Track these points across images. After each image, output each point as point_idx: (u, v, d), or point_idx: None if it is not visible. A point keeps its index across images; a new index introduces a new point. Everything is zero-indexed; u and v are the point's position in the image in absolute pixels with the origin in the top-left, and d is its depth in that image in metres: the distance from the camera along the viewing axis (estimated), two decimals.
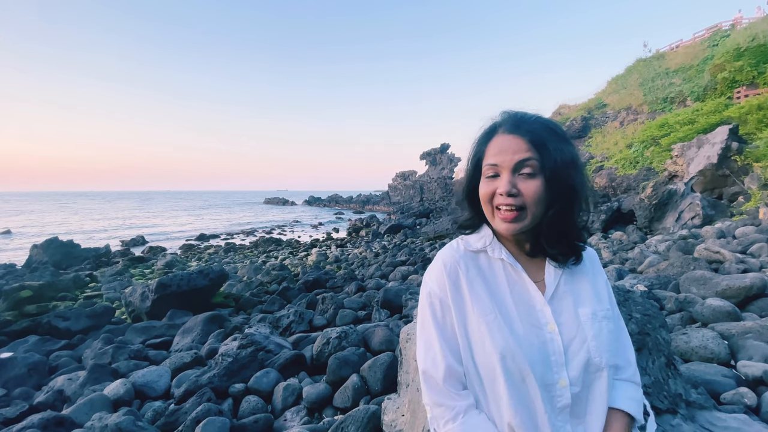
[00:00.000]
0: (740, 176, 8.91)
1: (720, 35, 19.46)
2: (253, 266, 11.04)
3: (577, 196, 0.76)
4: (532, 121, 0.76)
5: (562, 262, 0.80)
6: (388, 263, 10.42)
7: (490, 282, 0.79)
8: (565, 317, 0.77)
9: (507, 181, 0.72)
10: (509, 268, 0.80)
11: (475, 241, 0.83)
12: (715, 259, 4.98)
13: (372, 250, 14.01)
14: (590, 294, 0.80)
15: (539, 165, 0.72)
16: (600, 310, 0.78)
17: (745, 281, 3.62)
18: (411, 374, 1.55)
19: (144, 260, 13.26)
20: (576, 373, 0.74)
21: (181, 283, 6.81)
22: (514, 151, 0.73)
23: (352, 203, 52.13)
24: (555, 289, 0.79)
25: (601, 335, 0.76)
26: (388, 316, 5.49)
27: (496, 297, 0.78)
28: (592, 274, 0.83)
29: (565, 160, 0.73)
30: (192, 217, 41.16)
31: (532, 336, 0.74)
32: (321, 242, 18.72)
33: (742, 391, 2.09)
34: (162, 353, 4.82)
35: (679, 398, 1.19)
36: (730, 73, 16.02)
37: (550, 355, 0.74)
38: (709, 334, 2.77)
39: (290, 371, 3.72)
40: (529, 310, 0.77)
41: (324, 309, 5.96)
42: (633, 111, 20.06)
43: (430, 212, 21.98)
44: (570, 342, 0.75)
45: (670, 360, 1.26)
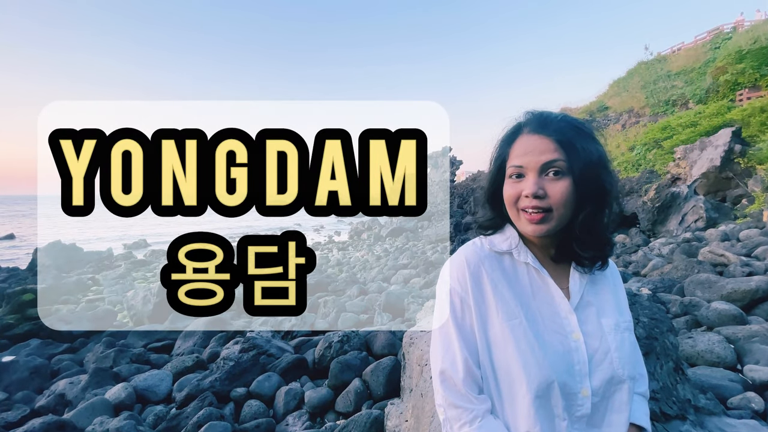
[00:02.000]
0: (744, 179, 8.86)
1: (722, 38, 19.44)
2: None
3: (608, 197, 0.73)
4: (558, 120, 0.73)
5: (589, 266, 0.78)
6: (390, 266, 10.40)
7: (514, 285, 0.77)
8: (589, 327, 0.75)
9: (533, 183, 0.70)
10: (534, 273, 0.77)
11: (500, 242, 0.80)
12: (719, 262, 4.94)
13: (374, 253, 14.00)
14: (613, 305, 0.79)
15: (567, 165, 0.69)
16: (622, 322, 0.77)
17: (751, 284, 3.58)
18: (414, 379, 1.53)
19: (146, 263, 13.27)
20: (598, 383, 0.72)
21: None
22: (541, 151, 0.70)
23: None
24: (581, 298, 0.77)
25: (623, 347, 0.75)
26: (390, 319, 5.46)
27: (522, 301, 0.75)
28: (614, 285, 0.81)
29: (594, 160, 0.71)
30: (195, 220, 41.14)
31: (557, 343, 0.72)
32: (323, 245, 18.70)
33: (749, 395, 2.06)
34: (164, 357, 4.81)
35: (688, 404, 1.17)
36: (733, 76, 15.98)
37: (574, 364, 0.72)
38: (715, 338, 2.74)
39: (292, 375, 3.71)
40: (554, 317, 0.74)
41: (326, 312, 5.94)
42: (635, 114, 20.03)
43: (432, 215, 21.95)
44: (594, 352, 0.74)
45: (678, 365, 1.24)
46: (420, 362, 1.47)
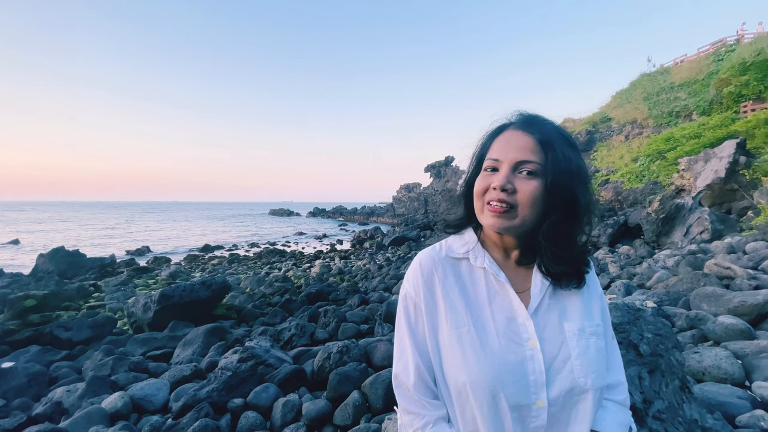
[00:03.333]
0: (749, 190, 8.79)
1: (725, 50, 19.51)
2: (256, 278, 11.00)
3: (578, 209, 0.70)
4: (545, 123, 0.72)
5: (564, 285, 0.74)
6: (392, 276, 10.34)
7: (468, 291, 0.74)
8: (548, 332, 0.71)
9: (503, 176, 0.68)
10: (491, 277, 0.75)
11: (457, 246, 0.79)
12: (725, 275, 4.86)
13: (376, 262, 13.94)
14: (579, 308, 0.74)
15: (542, 168, 0.67)
16: (589, 326, 0.72)
17: (758, 298, 3.52)
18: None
19: (148, 270, 13.27)
20: (557, 393, 0.68)
21: (184, 294, 6.79)
22: (519, 147, 0.69)
23: (356, 215, 52.18)
24: (540, 301, 0.73)
25: (587, 353, 0.70)
26: (391, 330, 5.40)
27: (473, 308, 0.73)
28: (586, 290, 0.77)
29: (571, 168, 0.68)
30: (197, 228, 41.37)
31: (509, 353, 0.69)
32: (325, 254, 18.67)
33: (758, 413, 2.00)
34: (162, 365, 4.77)
35: (695, 424, 1.13)
36: (736, 88, 15.98)
37: (528, 374, 0.68)
38: (722, 353, 2.68)
39: (290, 386, 3.66)
40: (510, 324, 0.71)
41: (326, 322, 5.89)
42: (638, 125, 20.05)
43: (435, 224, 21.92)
44: (552, 360, 0.69)
45: (685, 383, 1.20)
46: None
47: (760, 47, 16.71)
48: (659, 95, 20.42)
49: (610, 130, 21.49)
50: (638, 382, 1.02)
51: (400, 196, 40.69)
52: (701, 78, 18.91)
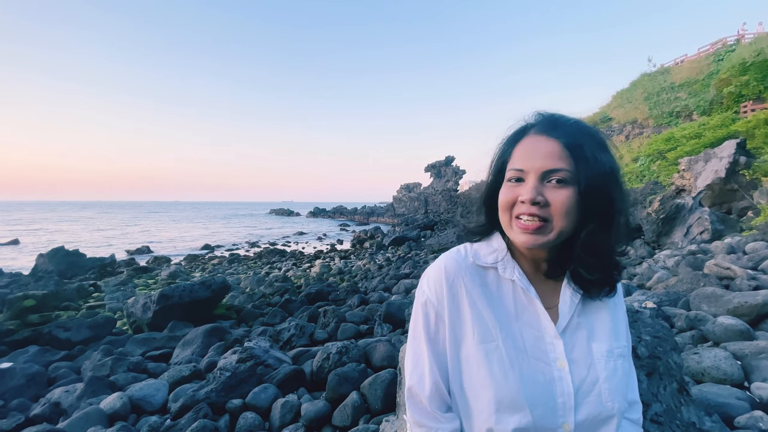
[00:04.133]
0: (749, 191, 8.79)
1: (725, 50, 19.50)
2: (256, 278, 11.00)
3: (616, 214, 0.65)
4: (570, 124, 0.66)
5: (596, 293, 0.70)
6: (392, 276, 10.34)
7: (496, 304, 0.70)
8: (577, 353, 0.67)
9: (532, 188, 0.63)
10: (520, 291, 0.70)
11: (485, 254, 0.74)
12: (725, 275, 4.86)
13: (376, 262, 13.94)
14: (608, 328, 0.70)
15: (573, 174, 0.62)
16: (617, 347, 0.69)
17: (758, 299, 3.51)
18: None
19: (148, 270, 13.28)
20: (583, 417, 0.65)
21: (183, 294, 6.78)
22: (545, 155, 0.63)
23: (356, 215, 52.21)
24: (569, 320, 0.69)
25: (615, 376, 0.67)
26: (391, 330, 5.40)
27: (501, 322, 0.68)
28: (613, 304, 0.73)
29: (604, 171, 0.63)
30: (198, 228, 41.39)
31: (537, 372, 0.65)
32: (324, 254, 18.67)
33: (756, 414, 2.00)
34: (161, 366, 4.76)
35: (693, 427, 1.12)
36: (737, 88, 15.97)
37: (557, 396, 0.65)
38: (722, 354, 2.67)
39: (289, 387, 3.65)
40: (537, 342, 0.67)
41: (325, 322, 5.89)
42: (638, 125, 20.04)
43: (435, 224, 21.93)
44: (581, 382, 0.66)
45: (683, 385, 1.20)
46: (404, 371, 1.43)
47: (760, 47, 16.70)
48: (659, 95, 20.41)
49: (611, 130, 21.47)
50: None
51: (401, 196, 40.69)
52: (701, 78, 18.90)
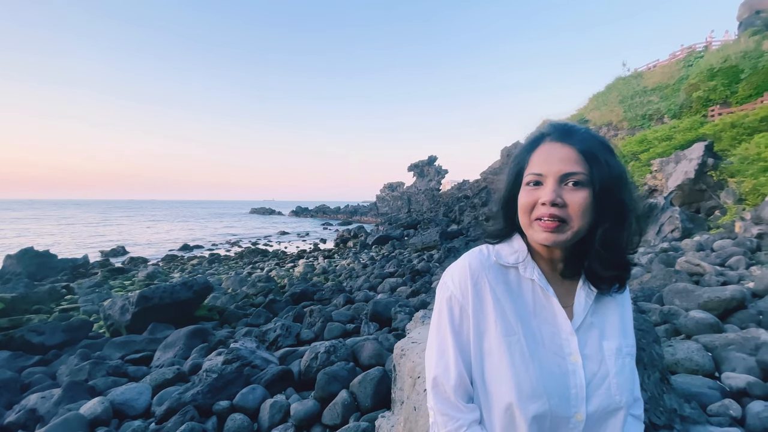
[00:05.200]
0: (716, 191, 9.24)
1: (694, 56, 20.39)
2: (238, 278, 10.83)
3: (628, 214, 0.71)
4: (583, 132, 0.72)
5: (607, 289, 0.75)
6: (377, 275, 10.37)
7: (516, 301, 0.74)
8: (589, 350, 0.73)
9: (552, 190, 0.67)
10: (539, 290, 0.75)
11: (507, 254, 0.78)
12: (695, 271, 5.10)
13: (360, 261, 13.94)
14: (617, 327, 0.76)
15: (588, 177, 0.67)
16: (625, 346, 0.75)
17: (726, 293, 3.71)
18: (406, 391, 1.52)
19: (124, 271, 12.87)
20: (594, 408, 0.70)
21: (164, 295, 6.62)
22: (562, 160, 0.68)
23: (339, 214, 51.97)
24: (583, 319, 0.74)
25: (623, 372, 0.73)
26: (377, 329, 5.43)
27: (522, 318, 0.73)
28: (621, 306, 0.79)
29: (615, 174, 0.69)
30: (175, 227, 40.30)
31: (554, 365, 0.70)
32: (308, 253, 18.52)
33: (727, 402, 2.13)
34: (142, 369, 4.65)
35: (674, 413, 1.20)
36: (705, 93, 16.75)
37: (570, 387, 0.70)
38: (694, 346, 2.82)
39: (277, 387, 3.64)
40: (554, 338, 0.72)
41: (312, 322, 5.87)
42: (613, 127, 20.73)
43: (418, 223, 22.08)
44: (593, 376, 0.71)
45: (664, 375, 1.28)
46: (412, 374, 1.46)
47: (727, 54, 17.55)
48: (633, 98, 21.17)
49: None
50: None
51: (384, 195, 40.79)
52: (672, 83, 19.72)
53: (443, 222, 19.69)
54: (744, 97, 15.50)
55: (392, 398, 1.71)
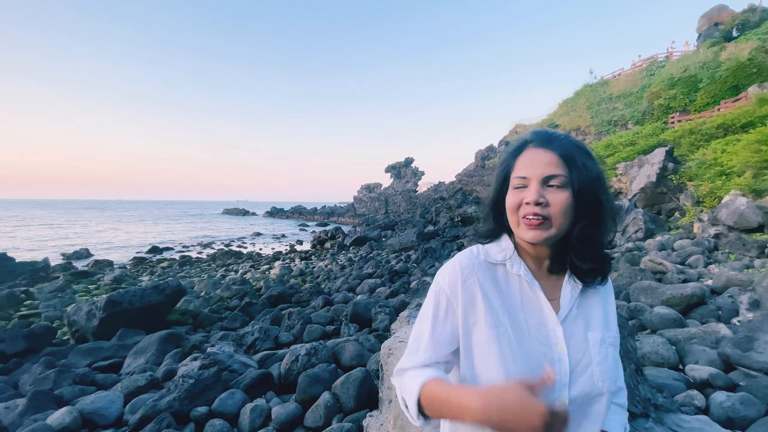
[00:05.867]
0: (676, 194, 9.79)
1: (656, 66, 21.53)
2: (212, 281, 10.54)
3: (604, 212, 0.77)
4: (562, 138, 0.78)
5: (590, 281, 0.81)
6: (355, 276, 10.36)
7: (504, 295, 0.79)
8: (575, 339, 0.78)
9: (535, 191, 0.73)
10: (525, 285, 0.80)
11: (495, 252, 0.83)
12: (658, 270, 5.39)
13: (338, 262, 13.86)
14: (601, 319, 0.82)
15: (567, 179, 0.73)
16: (608, 337, 0.81)
17: (687, 290, 3.95)
18: (393, 390, 1.55)
19: (89, 275, 12.26)
20: (577, 393, 0.75)
21: (134, 299, 6.37)
22: (545, 164, 0.74)
23: (316, 215, 51.42)
24: (569, 311, 0.79)
25: (606, 361, 0.78)
26: (358, 330, 5.43)
27: (509, 311, 0.78)
28: (605, 300, 0.85)
29: (592, 176, 0.75)
30: (143, 229, 38.70)
31: (540, 354, 0.75)
32: (284, 255, 18.24)
33: (692, 393, 2.28)
34: (111, 377, 4.47)
35: (649, 402, 1.28)
36: (666, 101, 17.73)
37: (555, 374, 0.74)
38: (659, 340, 2.99)
39: (257, 391, 3.58)
40: (541, 329, 0.77)
41: (290, 324, 5.80)
42: (582, 132, 21.59)
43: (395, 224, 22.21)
44: (576, 364, 0.76)
45: (639, 367, 1.36)
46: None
47: (686, 65, 18.64)
48: (600, 105, 22.12)
49: None
50: None
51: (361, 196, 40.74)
52: (636, 90, 20.73)
53: (420, 223, 19.88)
54: (702, 106, 16.51)
55: (380, 397, 1.73)
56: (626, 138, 15.69)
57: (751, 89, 14.37)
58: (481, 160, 27.71)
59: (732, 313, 3.71)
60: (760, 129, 8.53)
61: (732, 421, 2.02)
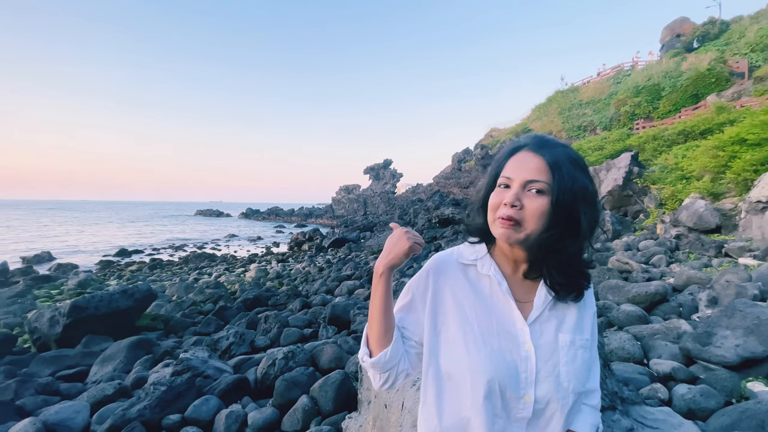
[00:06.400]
0: (641, 196, 10.27)
1: (622, 74, 22.54)
2: (184, 284, 10.25)
3: (581, 228, 0.75)
4: (556, 145, 0.78)
5: (563, 297, 0.81)
6: (334, 278, 10.29)
7: (474, 295, 0.82)
8: (544, 340, 0.80)
9: (513, 193, 0.74)
10: (495, 285, 0.82)
11: (468, 254, 0.86)
12: (624, 269, 5.64)
13: (316, 264, 13.73)
14: (574, 322, 0.83)
15: (549, 186, 0.73)
16: (579, 340, 0.82)
17: (650, 288, 4.15)
18: (373, 391, 1.57)
19: (51, 279, 11.64)
20: (543, 393, 0.77)
21: (100, 304, 6.10)
22: (530, 168, 0.75)
23: (293, 216, 50.71)
24: (541, 312, 0.81)
25: (574, 362, 0.80)
26: (336, 332, 5.41)
27: (478, 310, 0.80)
28: (583, 305, 0.85)
29: (576, 189, 0.74)
30: (111, 231, 37.08)
31: (506, 351, 0.78)
32: (260, 257, 17.93)
33: (655, 386, 2.40)
34: (77, 386, 4.28)
35: (616, 396, 1.35)
36: (631, 108, 18.59)
37: (521, 372, 0.77)
38: (625, 336, 3.13)
39: (232, 397, 3.51)
40: (508, 328, 0.79)
41: (267, 328, 5.71)
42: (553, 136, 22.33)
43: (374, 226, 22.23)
44: (544, 363, 0.78)
45: (606, 362, 1.44)
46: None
47: (650, 74, 19.61)
48: (570, 111, 22.96)
49: None
50: None
51: (340, 198, 40.54)
52: (603, 97, 21.65)
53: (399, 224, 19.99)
54: (665, 113, 17.42)
55: (359, 399, 1.74)
56: (595, 143, 16.34)
57: (710, 98, 15.29)
58: (457, 162, 28.16)
59: (692, 309, 3.92)
60: (718, 136, 9.07)
61: (693, 412, 2.14)
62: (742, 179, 7.37)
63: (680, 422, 1.35)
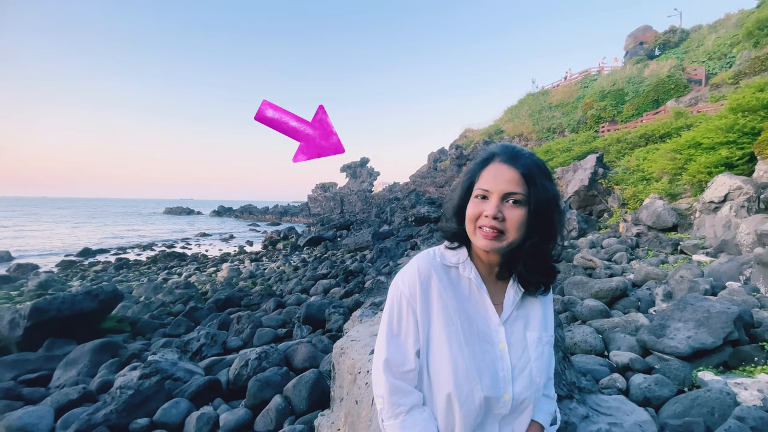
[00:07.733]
0: (605, 196, 10.76)
1: (589, 79, 23.45)
2: (152, 285, 9.90)
3: (554, 230, 0.84)
4: (527, 157, 0.84)
5: (533, 291, 0.89)
6: (309, 277, 10.22)
7: (457, 296, 0.87)
8: (515, 338, 0.87)
9: (494, 206, 0.79)
10: (474, 287, 0.88)
11: (451, 256, 0.90)
12: (589, 266, 5.91)
13: (291, 263, 13.57)
14: (539, 320, 0.90)
15: (526, 198, 0.79)
16: (545, 336, 0.90)
17: (612, 284, 4.38)
18: (346, 388, 1.60)
19: (10, 280, 11.00)
20: (519, 389, 0.84)
21: (63, 306, 5.82)
22: (507, 180, 0.80)
23: (267, 214, 49.76)
24: (510, 313, 0.88)
25: (542, 358, 0.88)
26: (311, 331, 5.40)
27: (460, 311, 0.85)
28: (544, 303, 0.93)
29: (548, 197, 0.81)
30: (74, 229, 35.21)
31: (485, 351, 0.84)
32: (233, 256, 17.54)
33: (614, 377, 2.55)
34: (39, 390, 4.10)
35: (573, 385, 1.45)
36: (597, 111, 19.39)
37: (499, 371, 0.83)
38: (588, 330, 3.30)
39: (204, 399, 3.45)
40: (486, 329, 0.86)
41: (239, 329, 5.62)
42: (524, 138, 22.99)
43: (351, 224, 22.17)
44: (517, 361, 0.86)
45: (566, 354, 1.53)
46: (352, 371, 1.54)
47: (615, 79, 20.50)
48: (541, 113, 23.69)
49: (503, 141, 24.19)
50: None
51: (316, 196, 40.13)
52: (572, 101, 22.47)
53: (375, 223, 20.02)
54: (628, 117, 18.28)
55: (332, 396, 1.77)
56: (563, 144, 16.95)
57: (669, 103, 16.16)
58: (433, 162, 28.51)
59: (649, 303, 4.17)
60: (675, 139, 9.61)
61: (648, 400, 2.29)
62: (697, 181, 7.85)
63: (632, 409, 1.46)
